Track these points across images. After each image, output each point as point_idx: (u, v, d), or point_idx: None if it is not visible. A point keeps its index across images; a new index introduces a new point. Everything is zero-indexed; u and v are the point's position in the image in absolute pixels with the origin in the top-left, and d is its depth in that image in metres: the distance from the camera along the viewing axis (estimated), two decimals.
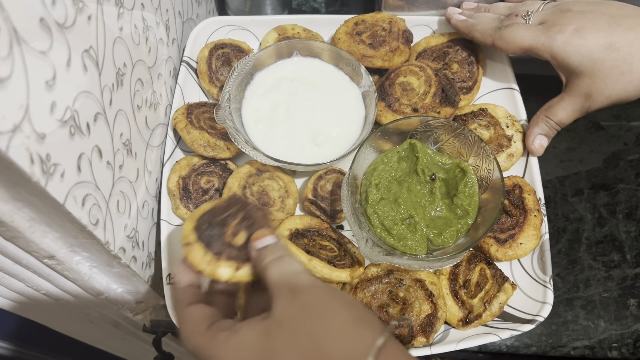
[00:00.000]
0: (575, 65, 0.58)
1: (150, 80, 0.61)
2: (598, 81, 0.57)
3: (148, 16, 0.59)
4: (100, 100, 0.46)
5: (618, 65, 0.55)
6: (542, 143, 0.64)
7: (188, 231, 0.45)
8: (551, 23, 0.59)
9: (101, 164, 0.46)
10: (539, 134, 0.64)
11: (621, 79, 0.56)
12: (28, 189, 0.37)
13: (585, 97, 0.58)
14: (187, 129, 0.63)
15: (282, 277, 0.39)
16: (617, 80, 0.56)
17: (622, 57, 0.55)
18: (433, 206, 0.59)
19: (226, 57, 0.71)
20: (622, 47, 0.55)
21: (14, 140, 0.32)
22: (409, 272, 0.59)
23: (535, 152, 0.65)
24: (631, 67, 0.55)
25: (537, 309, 0.58)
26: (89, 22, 0.43)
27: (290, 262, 0.41)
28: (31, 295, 0.58)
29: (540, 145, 0.64)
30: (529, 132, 0.65)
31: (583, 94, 0.58)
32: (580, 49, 0.57)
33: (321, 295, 0.37)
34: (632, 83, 0.56)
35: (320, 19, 0.77)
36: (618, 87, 0.56)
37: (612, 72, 0.56)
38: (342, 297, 0.38)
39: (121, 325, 0.76)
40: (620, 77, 0.56)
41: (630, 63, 0.55)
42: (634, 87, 0.56)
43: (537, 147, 0.64)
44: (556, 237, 0.73)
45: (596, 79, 0.57)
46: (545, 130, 0.64)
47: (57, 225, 0.44)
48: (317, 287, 0.38)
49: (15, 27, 0.32)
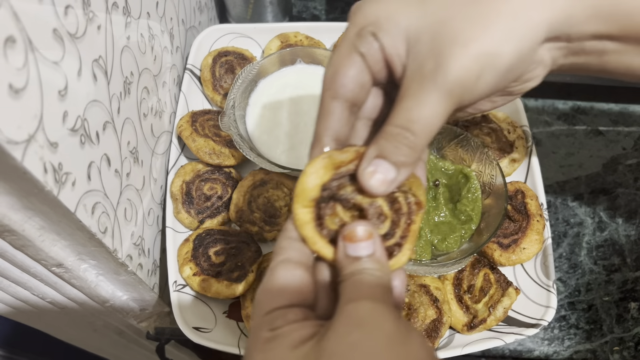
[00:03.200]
0: (403, 24, 0.36)
1: (156, 88, 0.61)
2: (440, 26, 0.35)
3: (153, 25, 0.59)
4: (109, 109, 0.46)
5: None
6: (377, 172, 0.36)
7: (307, 197, 0.35)
8: None
9: (109, 172, 0.47)
10: (375, 157, 0.38)
11: (470, 14, 0.35)
12: (40, 197, 0.37)
13: (434, 61, 0.35)
14: (193, 137, 0.64)
15: (349, 298, 0.31)
16: (467, 18, 0.35)
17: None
18: (437, 212, 0.60)
19: (229, 65, 0.72)
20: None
21: (29, 150, 0.32)
22: (414, 278, 0.59)
23: (368, 186, 0.36)
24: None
25: (541, 313, 0.59)
26: (99, 31, 0.44)
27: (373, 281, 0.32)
28: (36, 303, 0.58)
29: (372, 175, 0.36)
30: None
31: (429, 60, 0.35)
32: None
33: (379, 338, 0.29)
34: (489, 19, 0.35)
35: (323, 27, 0.78)
36: (470, 27, 0.35)
37: (455, 11, 0.35)
38: (407, 354, 0.29)
39: (125, 333, 0.76)
40: (467, 12, 0.35)
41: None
42: (497, 27, 0.35)
43: (368, 179, 0.36)
44: (557, 241, 0.74)
45: (437, 26, 0.35)
46: (389, 148, 0.39)
47: (67, 234, 0.44)
48: (381, 325, 0.29)
49: (30, 38, 0.32)
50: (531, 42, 0.35)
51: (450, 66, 0.33)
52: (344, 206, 0.35)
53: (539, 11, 0.34)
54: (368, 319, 0.29)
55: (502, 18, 0.34)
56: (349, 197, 0.35)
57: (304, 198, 0.34)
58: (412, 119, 0.34)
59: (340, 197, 0.35)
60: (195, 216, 0.64)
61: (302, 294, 0.33)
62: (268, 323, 0.32)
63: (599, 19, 0.35)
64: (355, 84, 0.36)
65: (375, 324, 0.29)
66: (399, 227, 0.36)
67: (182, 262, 0.61)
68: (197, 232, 0.63)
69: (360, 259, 0.33)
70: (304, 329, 0.30)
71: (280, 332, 0.31)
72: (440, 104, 0.34)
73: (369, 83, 0.37)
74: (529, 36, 0.34)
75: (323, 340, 0.29)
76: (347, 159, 0.35)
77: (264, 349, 0.30)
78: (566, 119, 0.84)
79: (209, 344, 0.57)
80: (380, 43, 0.35)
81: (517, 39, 0.34)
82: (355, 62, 0.35)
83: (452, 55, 0.33)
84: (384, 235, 0.36)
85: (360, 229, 0.34)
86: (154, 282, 0.62)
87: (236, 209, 0.63)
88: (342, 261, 0.33)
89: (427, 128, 0.34)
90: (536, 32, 0.35)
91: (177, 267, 0.61)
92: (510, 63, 0.34)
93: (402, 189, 0.36)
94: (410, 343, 0.29)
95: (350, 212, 0.36)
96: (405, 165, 0.34)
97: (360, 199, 0.35)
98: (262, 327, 0.32)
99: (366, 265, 0.33)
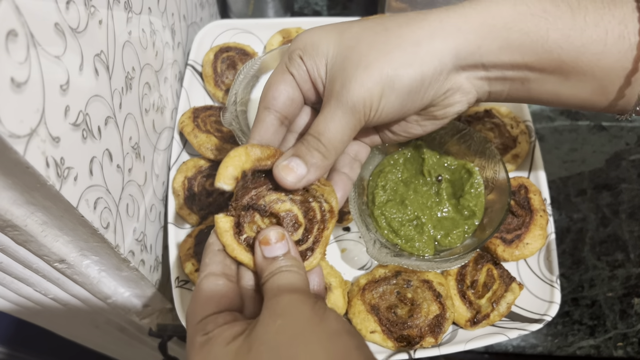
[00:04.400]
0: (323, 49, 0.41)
1: (157, 83, 0.61)
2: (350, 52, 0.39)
3: (155, 20, 0.59)
4: (110, 104, 0.46)
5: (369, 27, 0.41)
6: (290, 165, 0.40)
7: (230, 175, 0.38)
8: None
9: (111, 168, 0.46)
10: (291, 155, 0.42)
11: (376, 40, 0.39)
12: (42, 192, 0.37)
13: (341, 83, 0.40)
14: (195, 133, 0.64)
15: (272, 294, 0.35)
16: (373, 43, 0.39)
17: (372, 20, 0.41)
18: (440, 207, 0.60)
19: (231, 61, 0.72)
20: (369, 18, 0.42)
21: (31, 144, 0.32)
22: (417, 273, 0.59)
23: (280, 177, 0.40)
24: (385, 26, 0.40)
25: (545, 308, 0.58)
26: (100, 26, 0.43)
27: (290, 276, 0.36)
28: (39, 300, 0.58)
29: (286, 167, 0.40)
30: None
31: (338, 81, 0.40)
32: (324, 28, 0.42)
33: (300, 322, 0.33)
34: (392, 45, 0.39)
35: (324, 22, 0.77)
36: (375, 52, 0.39)
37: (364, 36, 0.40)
38: (322, 328, 0.32)
39: (127, 330, 0.76)
40: (374, 38, 0.39)
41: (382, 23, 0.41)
42: (398, 53, 0.39)
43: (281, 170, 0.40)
44: (560, 237, 0.74)
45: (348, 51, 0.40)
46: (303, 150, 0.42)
47: (69, 229, 0.44)
48: (300, 310, 0.33)
49: (32, 32, 0.32)
50: (434, 68, 0.39)
51: (352, 87, 0.37)
52: (262, 215, 0.39)
53: (443, 41, 0.38)
54: (288, 308, 0.33)
55: (405, 45, 0.38)
56: (266, 206, 0.39)
57: (226, 176, 0.38)
58: (321, 131, 0.39)
59: (258, 207, 0.39)
60: (197, 212, 0.64)
61: (228, 299, 0.37)
62: (201, 329, 0.35)
63: (512, 50, 0.39)
64: (285, 98, 0.41)
65: (294, 310, 0.33)
66: (312, 234, 0.40)
67: (184, 258, 0.61)
68: (199, 228, 0.63)
69: (277, 259, 0.37)
70: (234, 328, 0.34)
71: (212, 335, 0.34)
72: (345, 119, 0.38)
73: (299, 99, 0.41)
74: (432, 63, 0.38)
75: (252, 332, 0.32)
76: (265, 155, 0.39)
77: (200, 352, 0.33)
78: (569, 114, 0.83)
79: None
80: (306, 66, 0.40)
81: (418, 64, 0.38)
82: (286, 80, 0.40)
83: (355, 77, 0.37)
84: (298, 241, 0.40)
85: (274, 232, 0.38)
86: (156, 279, 0.62)
87: None
88: (261, 264, 0.37)
89: (334, 138, 0.39)
90: (440, 59, 0.39)
91: (179, 263, 0.61)
92: (411, 85, 0.38)
93: (317, 198, 0.40)
94: (326, 320, 0.33)
95: (267, 220, 0.40)
96: (315, 167, 0.39)
97: (277, 208, 0.39)
98: (196, 334, 0.34)
99: (283, 264, 0.37)
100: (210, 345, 0.33)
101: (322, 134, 0.39)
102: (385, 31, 0.39)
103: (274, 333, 0.32)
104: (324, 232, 0.40)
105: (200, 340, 0.34)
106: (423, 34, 0.39)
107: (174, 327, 0.68)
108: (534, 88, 0.42)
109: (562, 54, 0.38)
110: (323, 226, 0.40)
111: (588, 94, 0.41)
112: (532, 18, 0.38)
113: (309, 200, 0.40)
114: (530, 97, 0.43)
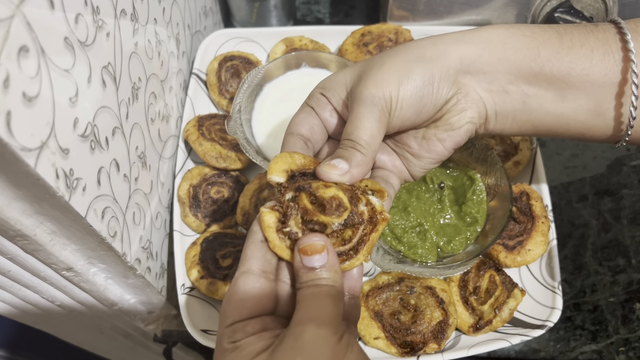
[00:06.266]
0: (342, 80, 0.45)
1: (163, 93, 0.62)
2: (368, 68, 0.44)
3: (160, 30, 0.60)
4: (117, 115, 0.47)
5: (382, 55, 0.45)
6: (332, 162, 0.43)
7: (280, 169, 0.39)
8: None
9: (119, 177, 0.47)
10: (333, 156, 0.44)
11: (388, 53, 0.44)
12: (52, 203, 0.37)
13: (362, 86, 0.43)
14: (199, 141, 0.64)
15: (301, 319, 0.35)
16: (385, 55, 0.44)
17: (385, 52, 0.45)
18: (442, 214, 0.60)
19: (235, 69, 0.73)
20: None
21: (41, 157, 0.33)
22: (420, 280, 0.59)
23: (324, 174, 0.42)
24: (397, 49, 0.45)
25: (547, 314, 0.59)
26: (108, 39, 0.44)
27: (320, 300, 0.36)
28: (46, 306, 0.59)
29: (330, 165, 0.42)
30: None
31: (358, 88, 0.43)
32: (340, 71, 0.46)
33: None
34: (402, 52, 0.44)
35: (327, 30, 0.78)
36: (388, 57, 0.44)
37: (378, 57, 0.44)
38: None
39: (132, 336, 0.76)
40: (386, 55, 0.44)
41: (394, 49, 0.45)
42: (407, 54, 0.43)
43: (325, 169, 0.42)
44: (562, 242, 0.74)
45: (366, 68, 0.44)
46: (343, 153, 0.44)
47: (77, 238, 0.44)
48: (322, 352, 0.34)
49: (42, 47, 0.33)
50: (442, 66, 0.43)
51: (369, 83, 0.41)
52: (309, 199, 0.38)
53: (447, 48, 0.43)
54: (309, 345, 0.33)
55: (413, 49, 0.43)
56: (312, 189, 0.38)
57: (277, 170, 0.38)
58: (350, 131, 0.42)
59: (305, 188, 0.38)
60: (203, 219, 0.64)
61: (261, 304, 0.37)
62: (229, 336, 0.36)
63: (509, 62, 0.43)
64: (305, 123, 0.44)
65: (315, 349, 0.33)
66: (357, 234, 0.39)
67: (189, 265, 0.61)
68: (204, 236, 0.63)
69: (314, 269, 0.37)
70: (260, 342, 0.35)
71: (239, 345, 0.35)
72: (368, 113, 0.41)
73: (318, 126, 0.45)
74: (439, 61, 0.43)
75: (273, 355, 0.33)
76: (308, 161, 0.41)
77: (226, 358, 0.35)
78: None
79: None
80: (326, 96, 0.44)
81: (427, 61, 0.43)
82: (305, 110, 0.45)
83: (370, 76, 0.42)
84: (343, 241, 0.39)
85: (314, 243, 0.37)
86: (162, 285, 0.62)
87: (242, 212, 0.64)
88: (299, 269, 0.37)
89: (366, 134, 0.42)
90: (445, 60, 0.43)
91: (184, 270, 0.62)
92: (424, 76, 0.42)
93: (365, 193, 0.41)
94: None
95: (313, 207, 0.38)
96: (355, 163, 0.41)
97: (323, 192, 0.38)
98: (224, 339, 0.36)
99: (320, 275, 0.37)
100: (234, 355, 0.34)
101: (352, 134, 0.41)
102: (396, 50, 0.44)
103: None
104: (372, 235, 0.39)
105: (227, 347, 0.35)
106: (428, 43, 0.44)
107: (179, 333, 0.69)
108: (534, 109, 0.45)
109: (553, 69, 0.43)
110: (372, 228, 0.39)
111: (585, 115, 0.44)
112: (524, 38, 0.43)
113: (358, 194, 0.40)
114: (533, 121, 0.46)
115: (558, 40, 0.43)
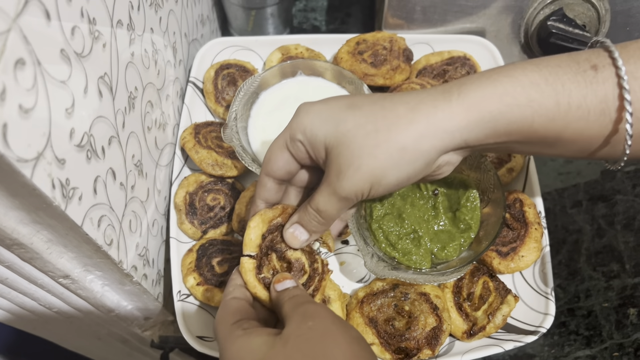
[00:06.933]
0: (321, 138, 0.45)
1: (159, 101, 0.63)
2: (344, 148, 0.43)
3: (157, 39, 0.61)
4: (114, 124, 0.47)
5: (361, 124, 0.43)
6: (295, 234, 0.49)
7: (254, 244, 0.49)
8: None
9: (115, 186, 0.48)
10: (295, 222, 0.50)
11: (366, 142, 0.43)
12: (48, 212, 0.38)
13: (336, 175, 0.44)
14: (196, 149, 0.65)
15: (295, 307, 0.43)
16: (363, 145, 0.42)
17: (365, 115, 0.44)
18: (436, 221, 0.61)
19: (231, 77, 0.73)
20: (363, 105, 0.44)
21: (38, 167, 0.34)
22: (414, 286, 0.60)
23: (288, 241, 0.50)
24: (376, 126, 0.43)
25: (540, 320, 0.59)
26: (104, 49, 0.45)
27: (304, 298, 0.44)
28: (43, 313, 0.59)
29: (292, 235, 0.49)
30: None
31: (333, 171, 0.44)
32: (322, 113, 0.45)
33: (328, 323, 0.40)
34: (380, 149, 0.42)
35: (322, 39, 0.79)
36: (366, 155, 0.43)
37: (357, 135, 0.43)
38: (346, 330, 0.40)
39: (129, 342, 0.76)
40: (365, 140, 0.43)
41: (374, 122, 0.43)
42: (385, 156, 0.43)
43: (289, 237, 0.50)
44: (556, 248, 0.75)
45: (342, 147, 0.43)
46: (305, 220, 0.49)
47: (73, 246, 0.45)
48: (327, 315, 0.41)
49: (39, 59, 0.34)
50: (420, 167, 0.44)
51: (345, 183, 0.44)
52: (278, 256, 0.50)
53: (429, 142, 0.42)
54: (317, 312, 0.41)
55: (392, 151, 0.43)
56: (282, 250, 0.50)
57: (251, 245, 0.49)
58: (320, 208, 0.47)
59: (276, 249, 0.50)
60: (199, 227, 0.65)
61: (253, 314, 0.46)
62: (237, 327, 0.42)
63: (498, 135, 0.43)
64: (283, 171, 0.49)
65: (323, 314, 0.41)
66: (313, 282, 0.51)
67: (185, 272, 0.62)
68: (200, 243, 0.64)
69: (288, 289, 0.46)
70: (268, 328, 0.42)
71: (251, 330, 0.41)
72: (338, 204, 0.47)
73: (295, 169, 0.49)
74: (417, 162, 0.43)
75: (285, 331, 0.40)
76: (276, 214, 0.50)
77: (239, 340, 0.40)
78: None
79: (213, 352, 0.58)
80: (305, 148, 0.46)
81: (404, 165, 0.43)
82: (284, 156, 0.48)
83: (348, 176, 0.44)
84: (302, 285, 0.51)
85: (285, 275, 0.48)
86: (158, 292, 0.63)
87: (239, 219, 0.64)
88: (276, 297, 0.46)
89: (330, 214, 0.48)
90: (426, 158, 0.43)
91: (181, 277, 0.62)
92: (398, 180, 0.44)
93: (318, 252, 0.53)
94: (349, 327, 0.41)
95: (281, 263, 0.50)
96: (314, 232, 0.50)
97: (290, 254, 0.50)
98: (234, 330, 0.41)
99: (294, 292, 0.45)
100: (250, 336, 0.40)
101: (320, 211, 0.48)
102: (376, 132, 0.43)
103: (307, 329, 0.39)
104: (322, 283, 0.52)
105: (239, 333, 0.41)
106: (410, 137, 0.42)
107: (176, 338, 0.69)
108: (517, 150, 0.47)
109: (546, 133, 0.42)
110: (322, 277, 0.52)
111: (572, 154, 0.45)
112: (518, 109, 0.41)
113: (314, 255, 0.52)
114: (513, 152, 0.50)
115: (555, 105, 0.40)
